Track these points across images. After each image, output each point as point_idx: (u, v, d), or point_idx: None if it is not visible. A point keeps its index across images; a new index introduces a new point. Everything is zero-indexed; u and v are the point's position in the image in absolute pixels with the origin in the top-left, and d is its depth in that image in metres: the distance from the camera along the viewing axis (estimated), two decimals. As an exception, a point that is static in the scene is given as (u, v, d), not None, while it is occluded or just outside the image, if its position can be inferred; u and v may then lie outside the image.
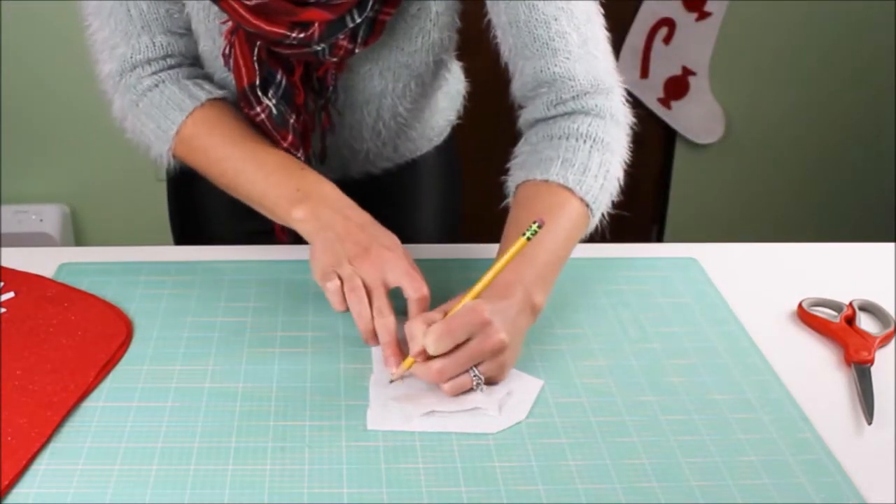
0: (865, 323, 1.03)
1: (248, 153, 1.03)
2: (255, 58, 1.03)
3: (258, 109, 1.05)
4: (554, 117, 1.04)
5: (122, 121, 1.10)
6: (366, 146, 1.20)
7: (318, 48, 1.00)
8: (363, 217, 0.98)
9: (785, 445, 0.84)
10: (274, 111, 1.05)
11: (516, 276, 0.91)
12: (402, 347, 0.91)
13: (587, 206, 0.98)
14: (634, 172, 1.06)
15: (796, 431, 0.86)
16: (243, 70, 1.04)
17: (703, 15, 2.50)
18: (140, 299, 1.02)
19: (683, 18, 2.51)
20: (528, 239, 0.87)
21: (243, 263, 1.08)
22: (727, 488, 0.79)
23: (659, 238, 2.79)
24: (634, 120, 1.06)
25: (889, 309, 1.04)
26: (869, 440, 0.86)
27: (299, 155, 1.08)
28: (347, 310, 0.93)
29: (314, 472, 0.79)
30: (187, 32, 1.09)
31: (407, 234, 1.22)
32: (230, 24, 1.03)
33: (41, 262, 1.06)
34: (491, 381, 0.89)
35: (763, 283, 1.10)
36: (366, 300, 0.92)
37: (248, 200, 1.04)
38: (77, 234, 2.53)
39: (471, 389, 0.87)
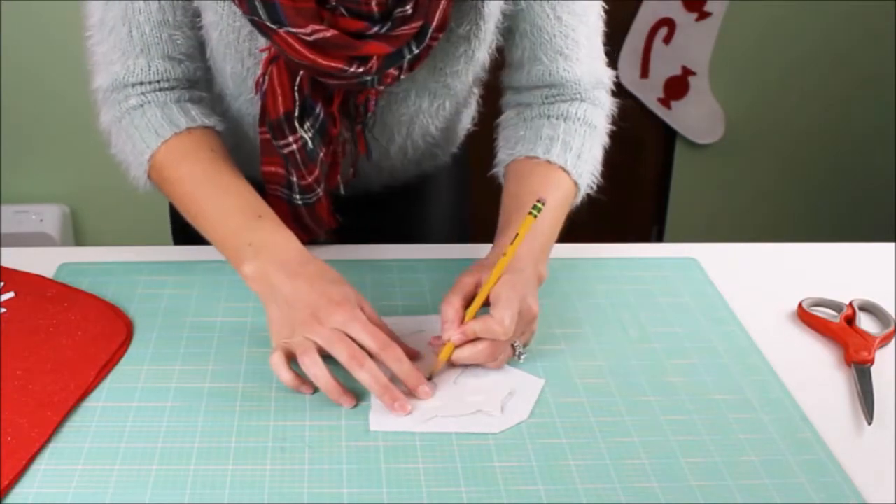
0: (865, 323, 1.03)
1: (210, 193, 1.00)
2: (295, 87, 0.99)
3: (290, 140, 1.01)
4: (552, 102, 1.10)
5: (107, 135, 1.08)
6: (391, 164, 1.17)
7: (369, 78, 0.97)
8: (313, 270, 0.93)
9: (785, 445, 0.84)
10: (309, 144, 1.02)
11: (525, 250, 0.95)
12: (395, 387, 0.87)
13: (576, 185, 1.06)
14: (634, 172, 1.07)
15: (796, 431, 0.86)
16: (280, 99, 0.99)
17: (703, 15, 2.50)
18: (140, 299, 1.02)
19: (683, 18, 2.51)
20: (535, 217, 0.93)
21: (243, 263, 1.08)
22: (727, 488, 0.79)
23: (659, 238, 2.79)
24: (615, 107, 1.14)
25: (889, 309, 1.04)
26: (869, 440, 0.86)
27: (320, 190, 1.06)
28: (301, 384, 0.88)
29: (314, 472, 0.79)
30: (186, 59, 1.05)
31: (418, 241, 1.21)
32: (270, 51, 0.99)
33: (41, 262, 1.06)
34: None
35: (763, 283, 1.10)
36: (320, 362, 0.86)
37: (209, 240, 1.01)
38: (77, 234, 2.53)
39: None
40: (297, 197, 1.07)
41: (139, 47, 1.03)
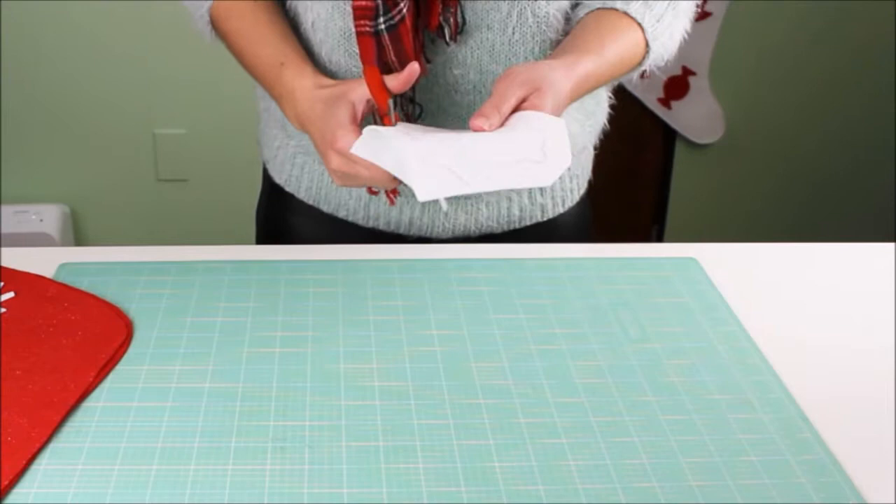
0: (865, 323, 1.03)
1: (249, 49, 1.10)
2: None
3: None
4: None
5: None
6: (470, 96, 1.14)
7: None
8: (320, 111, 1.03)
9: (785, 445, 0.84)
10: None
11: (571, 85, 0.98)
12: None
13: (647, 48, 1.06)
14: (634, 172, 1.06)
15: (796, 431, 0.86)
16: None
17: (703, 15, 2.50)
18: (140, 299, 1.02)
19: (683, 18, 2.51)
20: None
21: (243, 263, 1.08)
22: (727, 488, 0.79)
23: (659, 238, 2.79)
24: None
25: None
26: (869, 440, 0.86)
27: (403, 6, 1.03)
28: None
29: (314, 472, 0.79)
30: None
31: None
32: None
33: (41, 262, 1.06)
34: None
35: (763, 283, 1.10)
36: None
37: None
38: (77, 234, 2.53)
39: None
40: (382, 21, 1.04)
41: None
